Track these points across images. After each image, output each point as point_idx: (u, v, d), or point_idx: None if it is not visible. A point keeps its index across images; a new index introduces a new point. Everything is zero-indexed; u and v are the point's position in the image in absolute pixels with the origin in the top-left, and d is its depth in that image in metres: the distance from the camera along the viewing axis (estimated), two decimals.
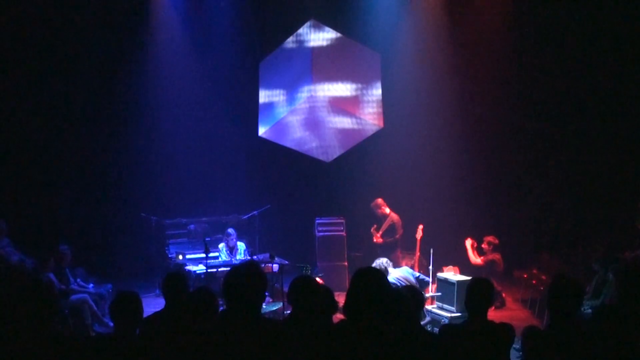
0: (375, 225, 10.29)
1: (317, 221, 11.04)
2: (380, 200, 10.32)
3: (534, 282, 9.39)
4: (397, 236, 10.10)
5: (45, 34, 10.65)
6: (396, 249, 9.94)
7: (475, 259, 9.43)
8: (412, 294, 4.49)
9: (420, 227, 9.50)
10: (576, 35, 10.97)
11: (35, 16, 10.51)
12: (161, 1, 11.34)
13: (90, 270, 9.68)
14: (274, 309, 7.54)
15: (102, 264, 10.48)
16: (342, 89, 10.10)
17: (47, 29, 10.63)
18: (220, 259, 9.59)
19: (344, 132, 10.49)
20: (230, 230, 9.87)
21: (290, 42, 10.46)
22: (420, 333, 4.23)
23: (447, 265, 8.84)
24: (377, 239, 10.19)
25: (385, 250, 9.58)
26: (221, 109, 11.76)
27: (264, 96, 10.65)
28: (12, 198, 10.50)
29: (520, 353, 5.54)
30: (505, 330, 4.13)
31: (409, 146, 11.66)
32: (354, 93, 10.20)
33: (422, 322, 6.96)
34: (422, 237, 9.42)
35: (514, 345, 4.30)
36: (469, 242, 9.52)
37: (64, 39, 10.76)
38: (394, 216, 10.20)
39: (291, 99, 10.17)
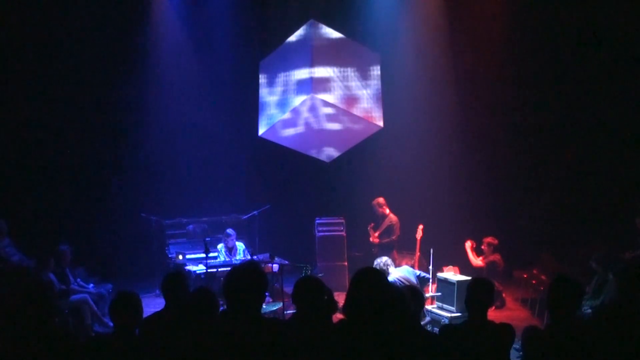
0: (372, 224, 10.29)
1: (317, 221, 11.04)
2: (381, 200, 10.31)
3: (534, 282, 9.39)
4: (395, 237, 10.09)
5: (46, 34, 10.64)
6: (393, 250, 9.92)
7: (476, 261, 9.44)
8: (413, 294, 4.49)
9: (420, 227, 9.49)
10: (576, 34, 10.97)
11: (36, 16, 10.51)
12: (161, 1, 11.35)
13: (90, 270, 9.68)
14: (274, 309, 7.52)
15: (102, 264, 10.48)
16: (342, 88, 10.11)
17: (48, 29, 10.62)
18: (218, 260, 9.59)
19: (344, 132, 10.50)
20: (229, 230, 9.85)
21: (290, 42, 10.46)
22: (420, 333, 4.23)
23: (447, 265, 8.84)
24: (374, 238, 10.19)
25: (382, 251, 9.55)
26: (221, 109, 11.76)
27: (264, 96, 10.66)
28: (12, 198, 10.49)
29: (520, 353, 5.54)
30: (505, 330, 4.14)
31: (409, 146, 11.66)
32: (353, 93, 10.21)
33: (422, 322, 6.97)
34: (422, 237, 9.42)
35: (514, 345, 4.30)
36: (468, 244, 9.53)
37: (65, 39, 10.75)
38: (393, 217, 10.19)
39: (291, 99, 10.18)
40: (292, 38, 10.42)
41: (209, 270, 8.99)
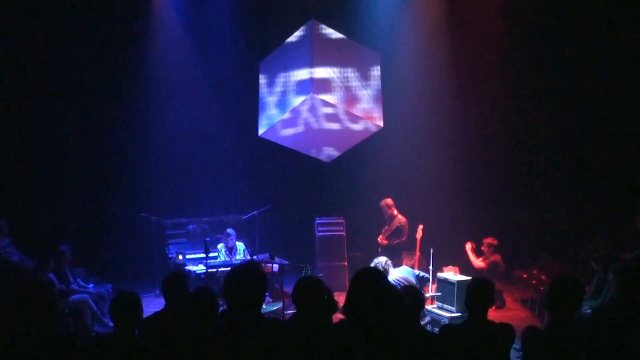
0: (386, 227, 10.25)
1: (317, 221, 11.04)
2: (390, 201, 10.25)
3: (534, 282, 9.39)
4: (405, 238, 10.01)
5: (45, 34, 10.64)
6: (401, 252, 9.87)
7: (477, 262, 9.45)
8: (412, 295, 4.49)
9: (420, 227, 9.48)
10: (576, 33, 10.96)
11: (36, 15, 10.51)
12: (161, 1, 11.35)
13: (90, 270, 9.68)
14: (274, 309, 7.53)
15: (102, 264, 10.47)
16: (342, 89, 10.11)
17: (48, 28, 10.62)
18: (218, 260, 9.59)
19: (344, 132, 10.50)
20: (229, 230, 9.85)
21: (290, 42, 10.46)
22: (420, 333, 4.23)
23: (447, 265, 8.84)
24: (382, 240, 10.15)
25: (390, 252, 9.46)
26: (221, 109, 11.76)
27: (264, 96, 10.66)
28: (13, 198, 10.49)
29: (520, 353, 5.54)
30: (505, 330, 4.14)
31: (409, 146, 11.66)
32: (354, 93, 10.20)
33: (422, 322, 6.96)
34: (422, 237, 9.41)
35: (514, 345, 4.30)
36: (468, 246, 9.53)
37: (64, 38, 10.75)
38: (402, 219, 10.12)
39: (291, 99, 10.18)
40: (292, 38, 10.41)
41: (209, 270, 8.99)
